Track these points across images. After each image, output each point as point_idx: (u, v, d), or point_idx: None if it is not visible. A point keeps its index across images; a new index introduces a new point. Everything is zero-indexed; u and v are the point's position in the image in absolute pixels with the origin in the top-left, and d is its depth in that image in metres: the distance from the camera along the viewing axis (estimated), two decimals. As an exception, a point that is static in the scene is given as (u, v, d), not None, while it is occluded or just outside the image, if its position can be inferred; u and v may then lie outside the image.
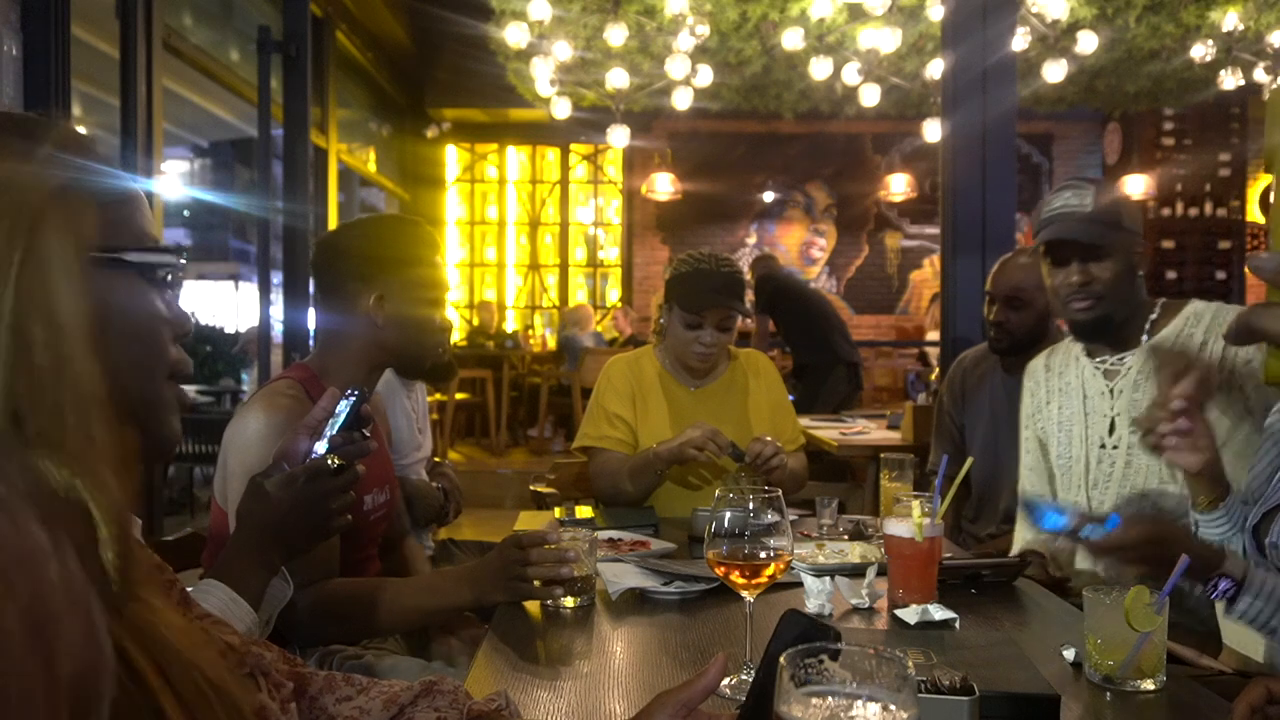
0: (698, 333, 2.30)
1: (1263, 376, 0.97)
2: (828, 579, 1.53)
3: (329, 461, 1.16)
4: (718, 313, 2.29)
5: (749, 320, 6.57)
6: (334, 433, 1.18)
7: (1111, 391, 1.93)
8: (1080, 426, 1.98)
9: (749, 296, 10.48)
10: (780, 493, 1.19)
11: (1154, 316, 1.90)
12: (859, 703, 0.64)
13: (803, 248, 10.76)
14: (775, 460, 2.11)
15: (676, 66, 6.25)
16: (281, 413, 1.54)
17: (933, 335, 8.11)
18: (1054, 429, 2.05)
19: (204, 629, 0.65)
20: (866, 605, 1.53)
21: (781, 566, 1.18)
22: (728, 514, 1.17)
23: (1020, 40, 5.41)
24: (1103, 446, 1.94)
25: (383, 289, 1.68)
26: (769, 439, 2.16)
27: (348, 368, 1.70)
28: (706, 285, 2.28)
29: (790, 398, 2.61)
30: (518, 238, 11.01)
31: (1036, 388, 2.12)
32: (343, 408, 1.19)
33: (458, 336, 9.22)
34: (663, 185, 9.65)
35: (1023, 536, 2.10)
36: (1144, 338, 1.90)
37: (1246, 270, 9.21)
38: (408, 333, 1.71)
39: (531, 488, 2.74)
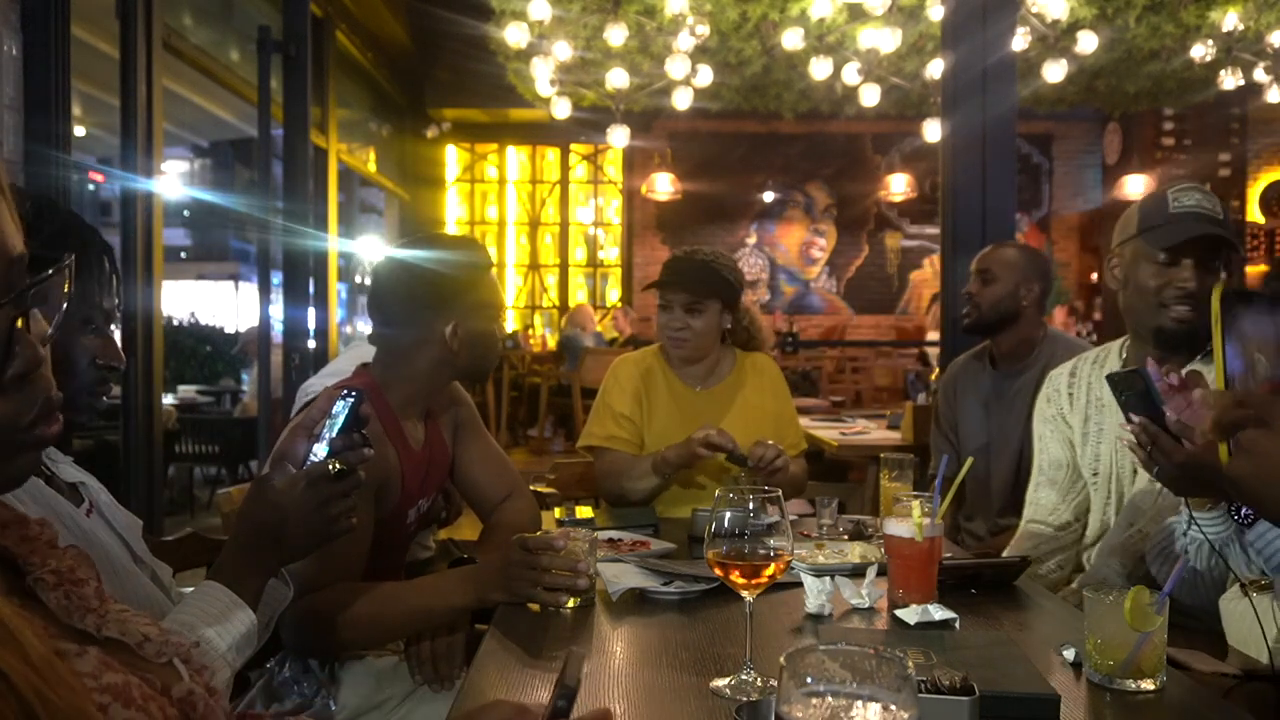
0: (668, 316, 2.38)
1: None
2: (828, 579, 1.53)
3: (330, 466, 1.15)
4: (678, 294, 2.35)
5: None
6: (333, 435, 1.16)
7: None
8: (1109, 445, 1.96)
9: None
10: (780, 492, 1.20)
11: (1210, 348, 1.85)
12: (859, 703, 0.64)
13: (803, 248, 10.76)
14: (779, 461, 2.12)
15: (676, 66, 6.25)
16: None
17: (933, 335, 8.11)
18: (1079, 440, 2.03)
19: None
20: (866, 605, 1.53)
21: (781, 566, 1.18)
22: (728, 514, 1.17)
23: (1020, 40, 5.41)
24: (1135, 471, 1.91)
25: (458, 317, 1.73)
26: (770, 442, 2.16)
27: (414, 382, 1.75)
28: (669, 267, 2.40)
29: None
30: (518, 238, 11.01)
31: (1056, 394, 2.09)
32: (340, 409, 1.17)
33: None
34: (663, 185, 9.65)
35: (1021, 546, 2.09)
36: (1198, 359, 1.85)
37: (1246, 270, 9.24)
38: (477, 350, 1.78)
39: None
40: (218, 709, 0.67)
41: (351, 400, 1.17)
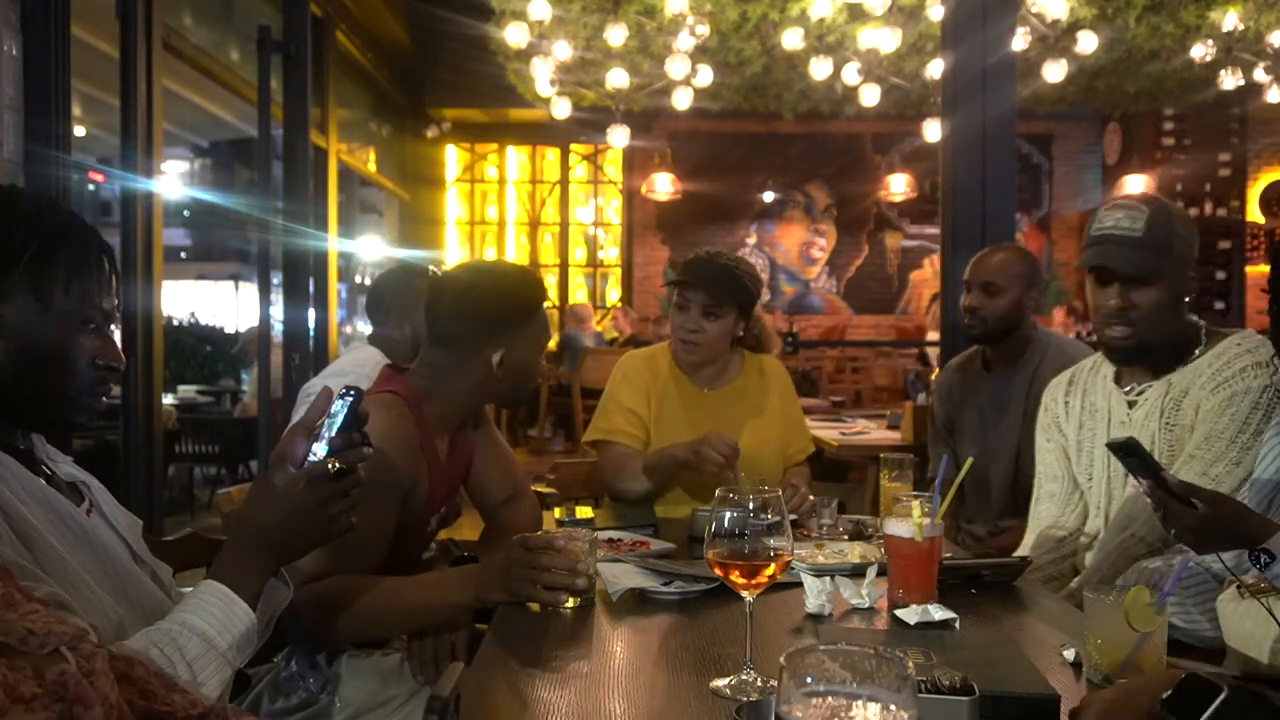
0: (683, 316, 2.34)
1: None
2: (828, 579, 1.53)
3: (329, 466, 1.14)
4: (697, 295, 2.31)
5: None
6: (332, 434, 1.16)
7: (1130, 421, 1.90)
8: (1102, 451, 1.96)
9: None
10: (780, 493, 1.20)
11: (1199, 350, 1.84)
12: (859, 703, 0.64)
13: (803, 248, 10.76)
14: (802, 508, 2.14)
15: (676, 66, 6.25)
16: (399, 425, 1.65)
17: (933, 335, 8.12)
18: (1074, 448, 2.04)
19: None
20: (866, 605, 1.53)
21: (781, 566, 1.18)
22: (728, 514, 1.17)
23: (1020, 40, 5.41)
24: (1126, 477, 1.91)
25: (507, 346, 1.76)
26: (795, 490, 2.17)
27: (452, 400, 1.78)
28: (691, 268, 2.35)
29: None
30: (518, 238, 11.01)
31: (1053, 403, 2.10)
32: (339, 408, 1.16)
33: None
34: (663, 185, 9.65)
35: (1029, 543, 2.09)
36: (1181, 366, 1.85)
37: (1246, 271, 9.24)
38: (518, 379, 1.82)
39: (532, 488, 2.74)
40: (91, 690, 0.71)
41: (350, 399, 1.17)
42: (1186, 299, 1.84)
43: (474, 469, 1.98)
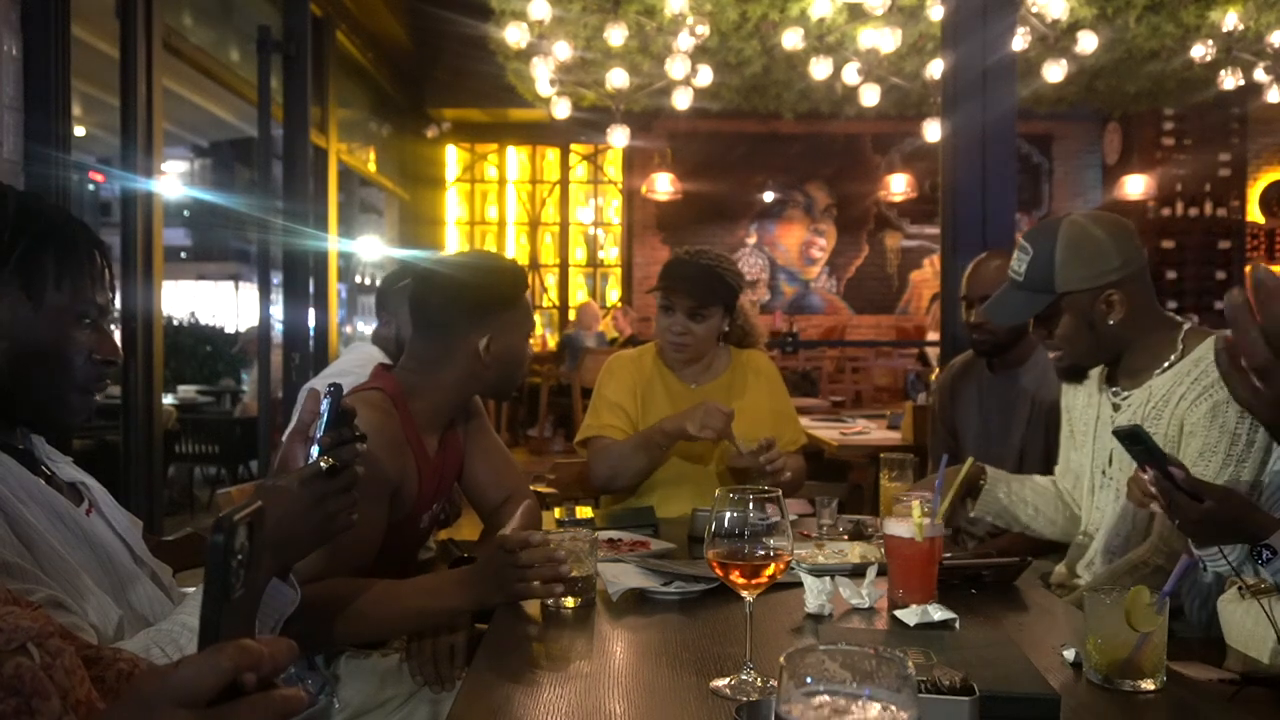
0: (670, 319, 2.35)
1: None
2: (828, 579, 1.53)
3: (321, 464, 1.14)
4: (682, 299, 2.32)
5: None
6: (321, 434, 1.16)
7: (1113, 424, 1.90)
8: (1089, 448, 1.98)
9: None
10: (780, 492, 1.20)
11: (1174, 355, 1.81)
12: (859, 703, 0.64)
13: (803, 248, 10.76)
14: (779, 462, 2.12)
15: (676, 66, 6.25)
16: (383, 421, 1.64)
17: (933, 335, 8.11)
18: (1073, 441, 2.06)
19: None
20: (866, 605, 1.53)
21: (781, 566, 1.18)
22: (728, 514, 1.17)
23: (1020, 40, 5.40)
24: (1103, 473, 1.93)
25: (493, 332, 1.75)
26: (764, 440, 2.16)
27: (440, 393, 1.77)
28: (674, 271, 2.35)
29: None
30: (518, 238, 11.01)
31: (1068, 387, 2.11)
32: (325, 407, 1.16)
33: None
34: (663, 185, 9.64)
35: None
36: (1160, 372, 1.83)
37: (1246, 271, 9.25)
38: (506, 368, 1.81)
39: (531, 488, 2.74)
40: (49, 682, 0.73)
41: (330, 396, 1.16)
42: (1112, 320, 1.80)
43: (469, 468, 1.97)
